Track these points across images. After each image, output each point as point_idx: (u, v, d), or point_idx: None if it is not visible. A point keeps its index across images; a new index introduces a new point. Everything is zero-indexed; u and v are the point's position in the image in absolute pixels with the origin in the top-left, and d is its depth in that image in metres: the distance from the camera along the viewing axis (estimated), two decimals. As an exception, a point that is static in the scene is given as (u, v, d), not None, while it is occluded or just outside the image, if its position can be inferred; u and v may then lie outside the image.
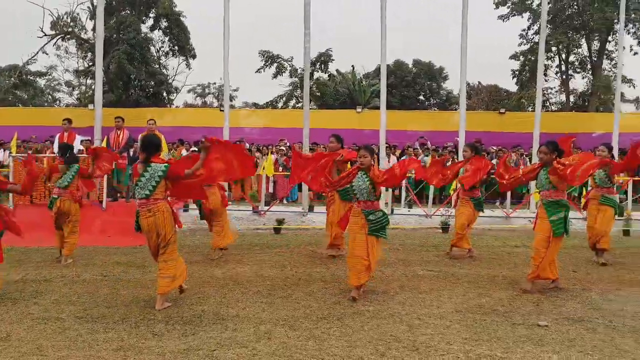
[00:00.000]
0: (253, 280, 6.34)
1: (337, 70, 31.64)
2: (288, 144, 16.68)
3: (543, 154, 5.97)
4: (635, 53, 24.71)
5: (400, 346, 4.20)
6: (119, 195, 11.28)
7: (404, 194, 13.20)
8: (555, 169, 5.71)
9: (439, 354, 4.04)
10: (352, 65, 31.63)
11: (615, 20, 13.16)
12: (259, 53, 30.65)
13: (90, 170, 7.74)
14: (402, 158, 15.10)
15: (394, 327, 4.64)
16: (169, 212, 5.30)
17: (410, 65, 31.55)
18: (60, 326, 4.69)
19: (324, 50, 30.95)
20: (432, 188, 13.29)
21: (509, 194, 12.00)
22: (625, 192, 12.87)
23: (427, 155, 14.92)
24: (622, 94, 28.18)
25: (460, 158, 8.84)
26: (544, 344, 4.28)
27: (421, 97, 32.35)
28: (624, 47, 23.53)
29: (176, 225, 5.40)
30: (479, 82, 30.40)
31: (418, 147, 16.78)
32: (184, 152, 15.76)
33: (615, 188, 7.74)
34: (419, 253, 8.09)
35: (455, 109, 16.49)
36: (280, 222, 10.24)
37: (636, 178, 14.29)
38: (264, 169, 12.51)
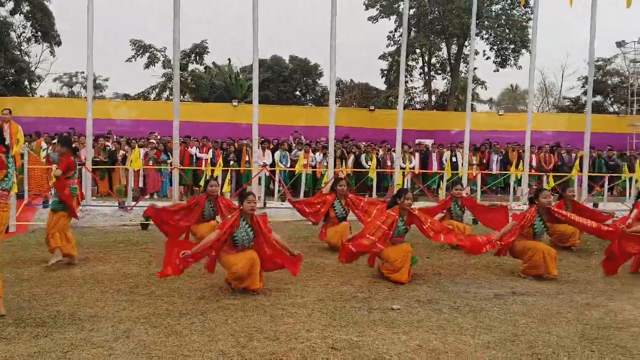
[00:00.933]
0: (115, 278, 6.09)
1: (213, 63, 31.09)
2: (159, 137, 16.10)
3: None
4: (488, 57, 27.22)
5: (262, 337, 4.26)
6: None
7: (277, 187, 13.37)
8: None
9: (299, 341, 4.16)
10: (229, 58, 31.37)
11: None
12: (130, 42, 29.23)
13: None
14: (277, 152, 15.26)
15: (257, 319, 4.69)
16: (9, 207, 4.87)
17: (287, 61, 31.91)
18: None
19: (199, 42, 30.27)
20: (303, 180, 13.62)
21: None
22: (476, 184, 14.19)
23: (300, 150, 15.21)
24: (477, 95, 31.00)
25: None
26: (395, 326, 4.58)
27: (298, 93, 32.86)
28: (477, 52, 26.00)
29: None
30: (351, 80, 31.58)
31: (292, 141, 17.06)
32: (44, 145, 14.57)
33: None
34: (289, 244, 8.20)
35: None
36: (147, 217, 9.86)
37: (486, 171, 15.81)
38: (131, 162, 11.94)
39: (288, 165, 14.76)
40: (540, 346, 4.21)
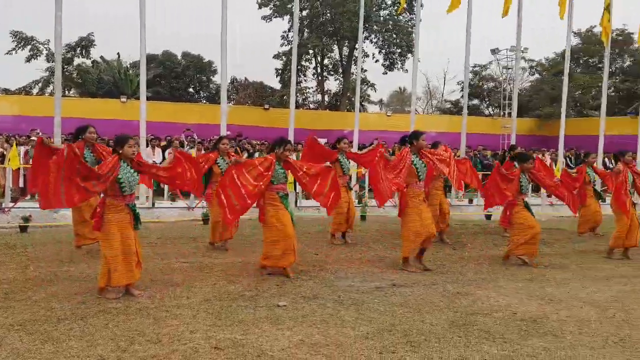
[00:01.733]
0: (-16, 285, 5.63)
1: (101, 57, 29.52)
2: (39, 133, 14.97)
3: None
4: (377, 60, 28.36)
5: (144, 340, 4.19)
6: None
7: (166, 186, 13.00)
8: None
9: (181, 343, 4.15)
10: (118, 53, 29.94)
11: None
12: (10, 33, 27.04)
13: None
14: (168, 151, 14.79)
15: (140, 322, 4.60)
16: None
17: (180, 57, 31.05)
18: None
19: (86, 35, 28.59)
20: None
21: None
22: (364, 182, 14.77)
23: (192, 148, 14.93)
24: (368, 96, 32.18)
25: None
26: (280, 322, 4.70)
27: (191, 90, 32.09)
28: (367, 55, 27.06)
29: None
30: (246, 78, 31.39)
31: (184, 139, 16.68)
32: None
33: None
34: (176, 246, 8.10)
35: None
36: (26, 219, 9.22)
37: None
38: (9, 161, 11.02)
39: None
40: (414, 334, 4.54)
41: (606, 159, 19.07)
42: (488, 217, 11.87)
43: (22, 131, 15.90)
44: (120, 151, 5.44)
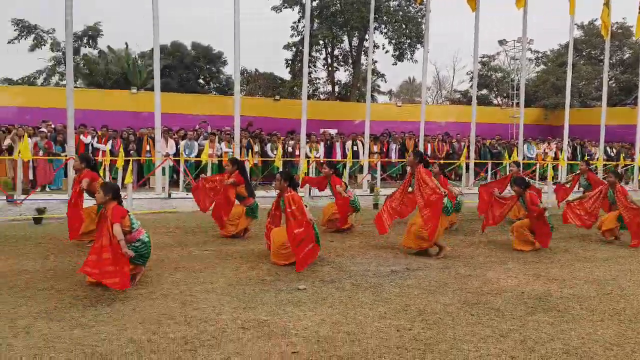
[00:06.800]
0: (8, 274, 5.76)
1: (108, 47, 29.43)
2: (53, 126, 15.13)
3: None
4: (387, 51, 28.26)
5: (172, 322, 4.32)
6: None
7: (182, 177, 13.17)
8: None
9: (209, 324, 4.29)
10: (126, 43, 29.84)
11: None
12: (12, 22, 26.84)
13: None
14: (183, 141, 14.93)
15: (166, 306, 4.74)
16: None
17: (189, 48, 31.04)
18: None
19: (92, 24, 28.59)
20: (209, 170, 13.53)
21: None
22: (376, 171, 14.87)
23: (205, 139, 15.05)
24: (378, 87, 32.15)
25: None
26: (301, 304, 4.86)
27: (201, 81, 32.11)
28: (376, 45, 27.00)
29: None
30: (256, 70, 31.41)
31: (200, 130, 16.74)
32: None
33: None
34: (195, 235, 8.25)
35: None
36: (41, 211, 9.36)
37: (386, 159, 16.58)
38: (19, 153, 11.17)
39: (194, 155, 14.56)
40: (428, 313, 4.73)
41: (607, 148, 19.09)
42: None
43: (26, 122, 15.76)
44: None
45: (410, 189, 7.31)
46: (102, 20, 29.50)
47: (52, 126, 14.98)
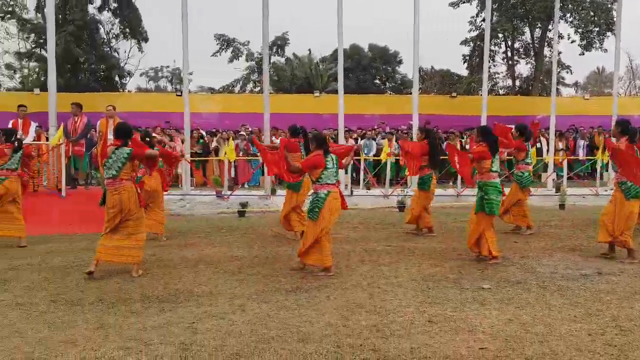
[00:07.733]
0: (222, 260, 6.69)
1: (293, 54, 31.70)
2: (250, 129, 16.93)
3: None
4: (573, 41, 26.01)
5: (363, 311, 4.71)
6: (77, 183, 11.27)
7: (362, 175, 13.80)
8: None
9: (398, 315, 4.58)
10: (309, 49, 31.73)
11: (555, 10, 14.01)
12: (215, 37, 30.44)
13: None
14: (362, 140, 15.63)
15: (356, 296, 5.15)
16: (133, 192, 5.92)
17: (366, 50, 31.96)
18: (35, 310, 4.73)
19: (280, 34, 31.02)
20: (388, 170, 13.96)
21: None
22: (562, 170, 13.90)
23: (383, 138, 15.54)
24: (562, 79, 29.70)
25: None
26: (486, 303, 4.90)
27: (377, 81, 32.86)
28: (561, 36, 24.97)
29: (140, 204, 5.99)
30: (432, 67, 31.23)
31: (383, 130, 17.29)
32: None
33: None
34: (377, 231, 8.68)
35: (410, 93, 17.00)
36: (244, 205, 10.64)
37: (573, 157, 15.38)
38: (225, 154, 12.78)
39: (372, 154, 15.14)
40: (623, 319, 4.46)
41: None
42: None
43: (226, 127, 17.57)
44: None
45: None
46: (289, 30, 31.96)
47: (249, 129, 16.76)
